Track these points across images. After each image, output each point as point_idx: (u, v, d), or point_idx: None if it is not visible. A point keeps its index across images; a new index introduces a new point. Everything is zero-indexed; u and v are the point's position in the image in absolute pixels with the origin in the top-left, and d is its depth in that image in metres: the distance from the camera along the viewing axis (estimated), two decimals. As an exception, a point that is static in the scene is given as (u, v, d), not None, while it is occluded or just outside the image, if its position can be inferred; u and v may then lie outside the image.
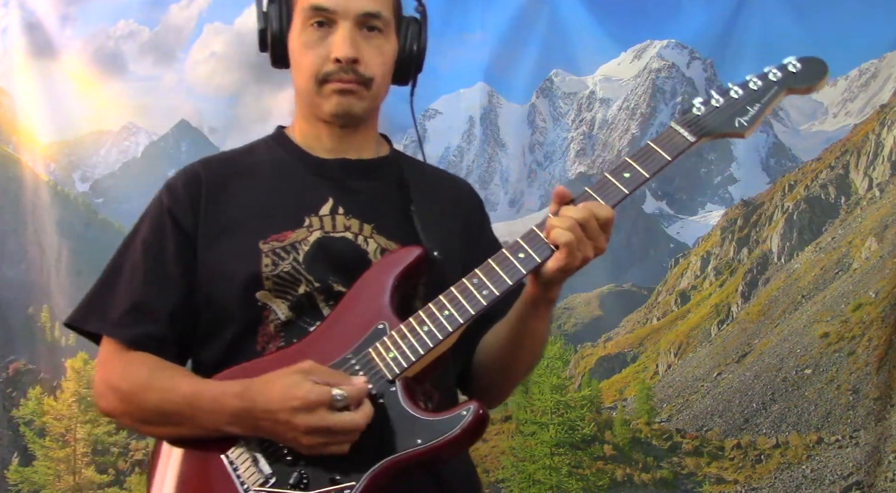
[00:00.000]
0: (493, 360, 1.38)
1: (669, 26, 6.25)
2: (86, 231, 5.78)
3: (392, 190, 1.40)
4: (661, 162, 1.22)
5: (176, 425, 1.22)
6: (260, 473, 1.17)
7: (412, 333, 1.19)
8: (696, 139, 1.23)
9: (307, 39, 1.29)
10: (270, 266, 1.29)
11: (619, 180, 1.21)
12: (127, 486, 5.04)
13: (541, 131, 6.97)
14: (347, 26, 1.27)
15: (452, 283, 1.22)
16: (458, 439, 1.12)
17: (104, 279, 1.35)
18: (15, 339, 5.21)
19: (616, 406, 5.37)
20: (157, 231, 1.34)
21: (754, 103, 1.24)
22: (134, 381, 1.25)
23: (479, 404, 1.14)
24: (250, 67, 5.79)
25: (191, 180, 1.36)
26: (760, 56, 5.63)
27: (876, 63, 5.79)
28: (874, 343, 4.70)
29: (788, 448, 4.77)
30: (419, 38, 1.39)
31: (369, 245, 1.33)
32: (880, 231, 5.10)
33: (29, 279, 5.36)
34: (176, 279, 1.31)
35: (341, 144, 1.39)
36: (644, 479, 4.99)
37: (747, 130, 1.23)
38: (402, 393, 1.17)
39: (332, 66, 1.28)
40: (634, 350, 5.78)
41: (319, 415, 1.11)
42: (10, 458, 5.00)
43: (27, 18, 5.26)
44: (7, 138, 5.41)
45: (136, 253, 1.34)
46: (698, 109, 1.24)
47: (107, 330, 1.29)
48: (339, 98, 1.31)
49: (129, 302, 1.30)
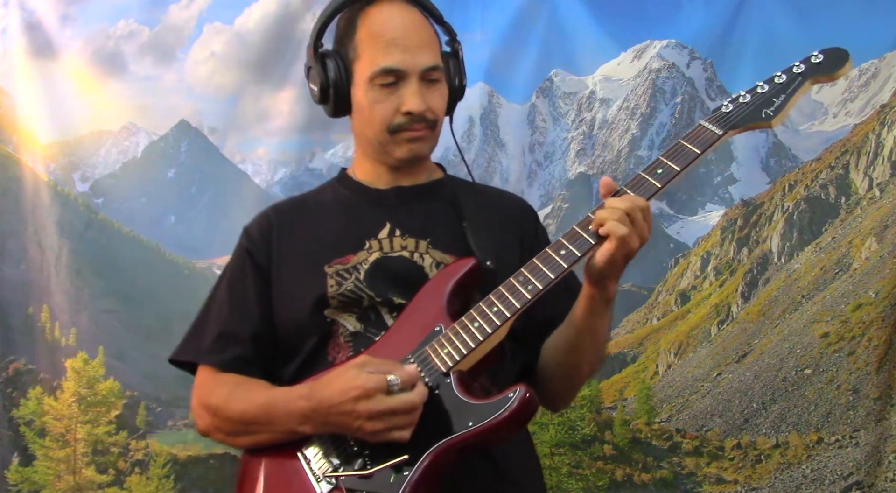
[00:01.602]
0: (556, 362, 1.46)
1: (669, 26, 6.25)
2: (86, 231, 5.78)
3: (445, 208, 1.51)
4: (690, 156, 1.28)
5: (257, 432, 1.36)
6: (330, 463, 1.28)
7: (464, 329, 1.29)
8: (724, 132, 1.29)
9: (376, 96, 1.41)
10: (335, 286, 1.42)
11: (652, 176, 1.28)
12: (127, 486, 5.04)
13: (541, 131, 6.97)
14: (414, 81, 1.40)
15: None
16: (506, 420, 1.20)
17: (198, 319, 1.53)
18: (15, 339, 5.21)
19: (616, 406, 5.37)
20: (237, 269, 1.51)
21: (779, 94, 1.31)
22: (220, 396, 1.40)
23: (527, 388, 1.22)
24: (250, 67, 5.79)
25: (263, 223, 1.53)
26: (760, 56, 5.63)
27: (876, 63, 5.78)
28: (874, 343, 4.70)
29: (788, 448, 4.77)
30: (460, 75, 1.52)
31: (425, 260, 1.45)
32: (880, 231, 5.10)
33: (29, 279, 5.36)
34: (255, 307, 1.47)
35: (398, 176, 1.52)
36: (644, 479, 5.00)
37: (774, 119, 1.30)
38: (457, 384, 1.25)
39: (403, 119, 1.41)
40: (634, 350, 5.78)
41: (378, 400, 1.20)
42: (10, 458, 5.00)
43: (27, 18, 5.26)
44: (7, 138, 5.41)
45: (222, 291, 1.52)
46: (726, 106, 1.33)
47: (199, 358, 1.47)
48: (410, 145, 1.44)
49: (217, 331, 1.47)
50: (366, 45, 1.41)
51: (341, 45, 1.46)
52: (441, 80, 1.45)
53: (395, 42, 1.39)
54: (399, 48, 1.39)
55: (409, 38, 1.40)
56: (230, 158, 6.28)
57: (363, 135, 1.49)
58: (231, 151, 6.24)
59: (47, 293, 5.32)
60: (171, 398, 5.49)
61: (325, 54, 1.46)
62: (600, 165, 6.82)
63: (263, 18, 5.69)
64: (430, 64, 1.41)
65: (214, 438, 1.43)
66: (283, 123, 5.75)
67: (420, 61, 1.40)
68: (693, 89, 6.70)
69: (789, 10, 5.45)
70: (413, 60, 1.39)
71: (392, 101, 1.40)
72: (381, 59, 1.39)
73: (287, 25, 5.66)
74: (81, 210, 5.83)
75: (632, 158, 6.77)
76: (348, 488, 1.25)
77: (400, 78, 1.40)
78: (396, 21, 1.41)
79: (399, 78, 1.40)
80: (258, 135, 6.03)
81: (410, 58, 1.39)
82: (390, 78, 1.39)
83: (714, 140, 1.29)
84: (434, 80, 1.43)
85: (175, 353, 1.51)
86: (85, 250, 5.61)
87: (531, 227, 1.58)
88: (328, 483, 1.26)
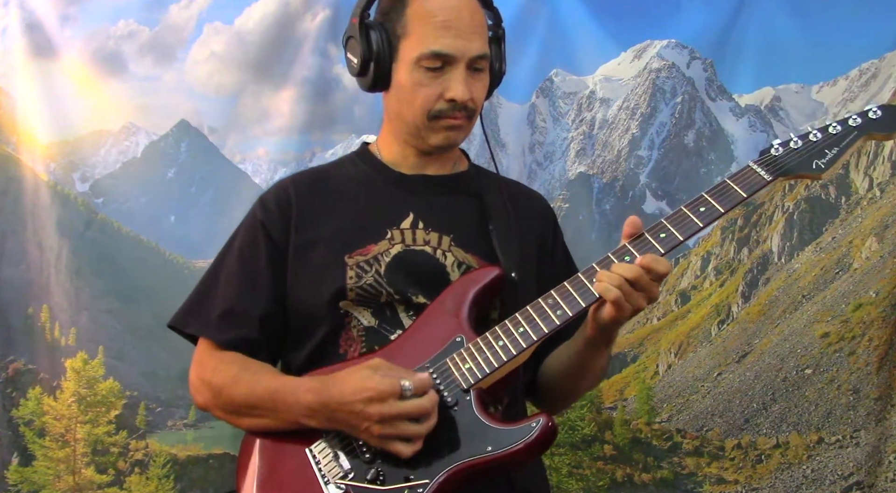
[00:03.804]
0: (555, 379, 1.48)
1: (669, 26, 6.24)
2: (86, 231, 5.77)
3: (470, 203, 1.49)
4: (736, 198, 1.27)
5: (260, 416, 1.33)
6: (340, 467, 1.26)
7: (488, 347, 1.27)
8: (773, 178, 1.29)
9: (420, 78, 1.38)
10: (354, 278, 1.40)
11: (694, 214, 1.26)
12: (127, 486, 5.03)
13: (541, 131, 6.97)
14: (461, 68, 1.37)
15: (526, 300, 1.30)
16: (526, 449, 1.20)
17: (202, 285, 1.47)
18: (15, 339, 5.20)
19: (616, 406, 5.37)
20: (250, 242, 1.46)
21: (833, 147, 1.28)
22: (225, 376, 1.37)
23: (549, 418, 1.23)
24: (250, 67, 5.79)
25: (281, 196, 1.48)
26: (761, 56, 5.64)
27: (876, 63, 5.78)
28: (874, 343, 4.70)
29: (789, 448, 4.77)
30: (502, 61, 1.50)
31: (447, 258, 1.42)
32: (881, 231, 5.09)
33: (29, 279, 5.36)
34: (267, 288, 1.43)
35: (425, 162, 1.50)
36: (644, 479, 4.99)
37: (825, 172, 1.28)
38: (476, 402, 1.24)
39: (444, 105, 1.38)
40: (634, 350, 5.77)
41: (390, 403, 1.19)
42: (9, 458, 4.99)
43: (27, 18, 5.26)
44: (7, 138, 5.41)
45: (231, 262, 1.46)
46: (776, 149, 1.30)
47: (204, 332, 1.43)
48: (447, 133, 1.42)
49: (224, 307, 1.43)
50: (416, 23, 1.37)
51: (387, 18, 1.41)
52: (486, 69, 1.42)
53: (448, 25, 1.34)
54: (452, 32, 1.34)
55: (462, 23, 1.36)
56: (230, 158, 6.27)
57: (399, 115, 1.45)
58: (231, 151, 6.23)
59: (47, 293, 5.31)
60: (171, 398, 5.48)
61: (369, 26, 1.41)
62: (600, 165, 6.82)
63: (263, 18, 5.68)
64: (479, 52, 1.38)
65: (214, 414, 1.42)
66: (283, 123, 5.74)
67: (471, 48, 1.37)
68: (693, 89, 6.69)
69: (789, 10, 5.45)
70: (464, 47, 1.35)
71: (436, 85, 1.37)
72: (432, 41, 1.34)
73: (287, 25, 5.65)
74: (81, 210, 5.82)
75: (632, 157, 6.77)
76: None
77: (447, 63, 1.36)
78: (452, 2, 1.37)
79: (446, 63, 1.36)
80: (258, 135, 6.03)
81: (462, 44, 1.35)
82: (438, 62, 1.35)
83: (762, 185, 1.27)
84: (479, 69, 1.40)
85: (177, 320, 1.47)
86: (85, 250, 5.60)
87: (550, 230, 1.57)
88: (337, 488, 1.25)
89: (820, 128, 1.29)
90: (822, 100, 6.34)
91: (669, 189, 6.94)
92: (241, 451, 1.39)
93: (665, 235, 1.27)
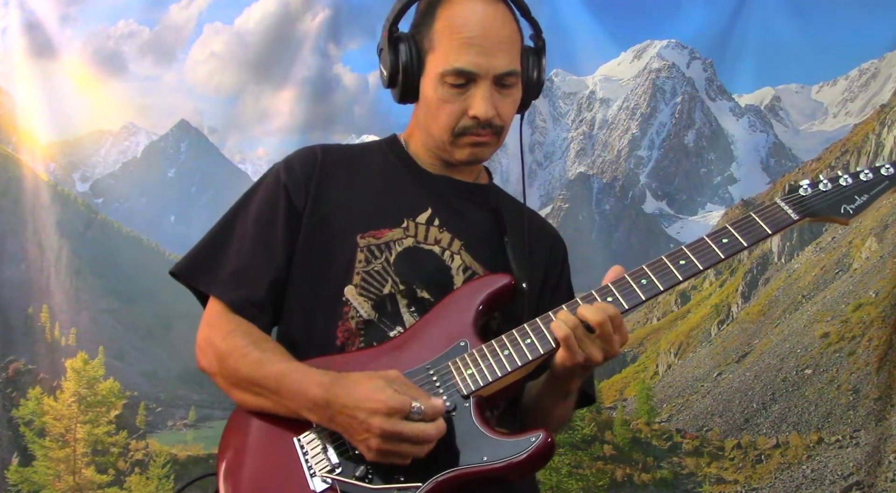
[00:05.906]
0: (528, 408, 1.45)
1: (669, 26, 6.25)
2: (86, 231, 5.78)
3: (486, 216, 1.47)
4: (761, 233, 1.24)
5: (260, 395, 1.28)
6: (328, 461, 1.22)
7: (493, 355, 1.24)
8: (800, 218, 1.26)
9: (445, 94, 1.35)
10: (363, 262, 1.37)
11: (717, 245, 1.24)
12: (127, 486, 5.03)
13: (541, 131, 6.97)
14: (486, 86, 1.33)
15: (531, 315, 1.27)
16: (523, 463, 1.17)
17: (213, 237, 1.42)
18: (15, 339, 5.20)
19: (616, 406, 5.37)
20: (270, 203, 1.41)
21: (863, 194, 1.27)
22: (234, 345, 1.32)
23: (548, 433, 1.19)
24: (250, 67, 5.79)
25: (308, 161, 1.43)
26: (760, 56, 5.64)
27: (876, 63, 5.78)
28: (874, 343, 4.70)
29: (788, 448, 4.77)
30: (539, 71, 1.44)
31: (454, 261, 1.40)
32: (880, 231, 5.10)
33: (29, 279, 5.35)
34: (281, 251, 1.38)
35: (450, 167, 1.47)
36: (644, 479, 4.99)
37: (852, 217, 1.26)
38: (475, 410, 1.21)
39: (469, 122, 1.35)
40: (634, 350, 5.78)
41: (394, 421, 1.15)
42: (9, 458, 4.99)
43: (27, 18, 5.26)
44: (7, 138, 5.41)
45: (247, 219, 1.41)
46: (805, 189, 1.27)
47: (214, 291, 1.37)
48: (472, 149, 1.39)
49: (237, 265, 1.37)
50: (443, 38, 1.34)
51: (417, 31, 1.39)
52: (516, 85, 1.38)
53: (471, 41, 1.31)
54: (475, 49, 1.31)
55: (487, 39, 1.32)
56: (230, 158, 6.28)
57: (426, 127, 1.42)
58: (231, 151, 6.25)
59: (47, 293, 5.31)
60: (171, 398, 5.49)
61: (399, 38, 1.39)
62: (600, 165, 6.82)
63: (263, 18, 5.69)
64: (504, 70, 1.34)
65: (213, 380, 1.37)
66: (282, 122, 5.75)
67: (495, 65, 1.33)
68: (693, 89, 6.69)
69: (789, 10, 5.45)
70: (488, 64, 1.32)
71: (460, 102, 1.34)
72: (455, 58, 1.32)
73: (287, 25, 5.66)
74: (81, 210, 5.83)
75: (632, 157, 6.77)
76: (344, 492, 1.20)
77: (471, 80, 1.33)
78: (478, 16, 1.33)
79: (470, 80, 1.33)
80: (258, 135, 6.03)
81: (486, 61, 1.32)
82: (461, 79, 1.33)
83: (788, 224, 1.25)
84: (507, 85, 1.36)
85: (184, 271, 1.40)
86: (85, 250, 5.60)
87: (559, 263, 1.54)
88: (323, 482, 1.21)
89: (851, 173, 1.28)
90: (822, 100, 6.34)
91: (669, 189, 6.95)
92: (228, 425, 1.34)
93: (685, 262, 1.24)
